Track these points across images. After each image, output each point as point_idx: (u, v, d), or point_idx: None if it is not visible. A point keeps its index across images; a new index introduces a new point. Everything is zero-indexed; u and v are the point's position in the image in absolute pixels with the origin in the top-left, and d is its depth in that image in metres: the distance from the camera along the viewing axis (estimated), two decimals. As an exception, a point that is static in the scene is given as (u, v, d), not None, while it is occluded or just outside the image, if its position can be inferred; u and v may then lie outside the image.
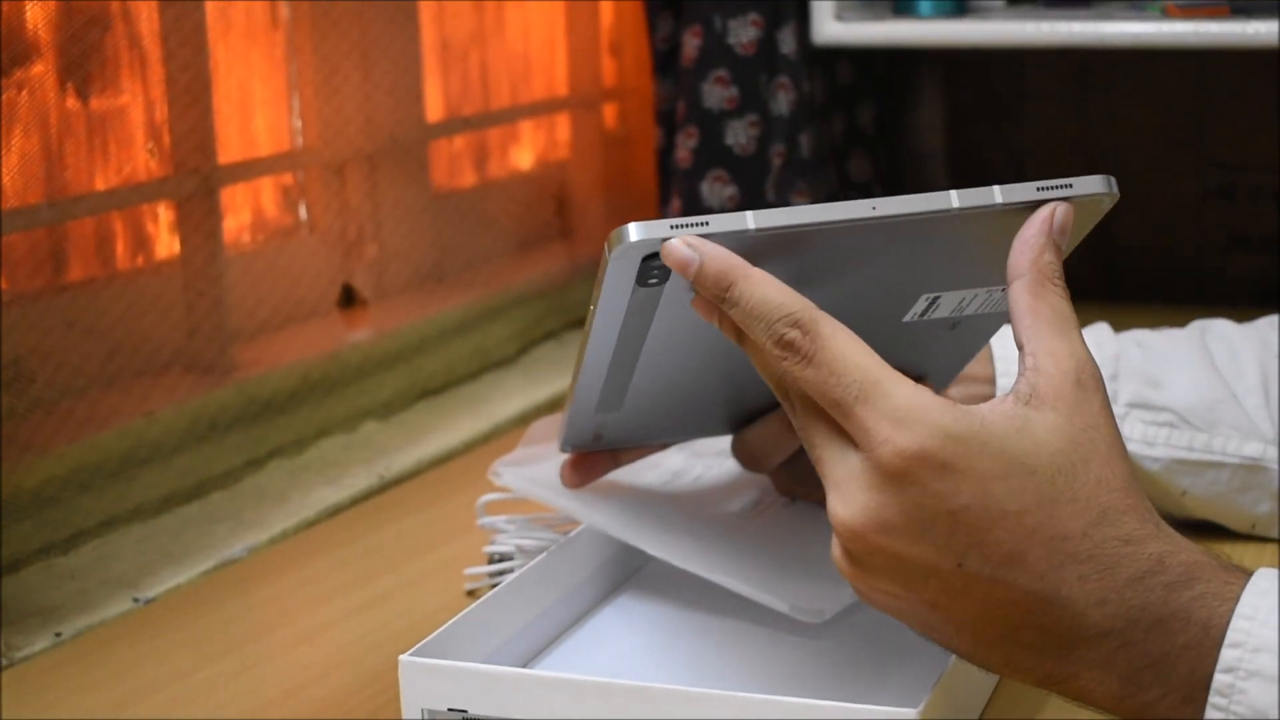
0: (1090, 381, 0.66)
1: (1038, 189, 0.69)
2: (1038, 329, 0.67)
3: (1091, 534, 0.64)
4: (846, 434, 0.66)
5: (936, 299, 0.76)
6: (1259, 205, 1.72)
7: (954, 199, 0.68)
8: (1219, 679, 0.63)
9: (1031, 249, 0.68)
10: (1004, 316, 0.79)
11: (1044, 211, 0.69)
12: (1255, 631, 0.63)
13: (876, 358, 0.66)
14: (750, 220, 0.67)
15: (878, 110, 1.73)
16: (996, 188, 0.69)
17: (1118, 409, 0.97)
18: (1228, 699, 0.63)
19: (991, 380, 0.97)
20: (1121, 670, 0.65)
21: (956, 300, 0.77)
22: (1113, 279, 1.77)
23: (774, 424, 0.89)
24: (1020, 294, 0.68)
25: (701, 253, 0.67)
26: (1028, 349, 0.67)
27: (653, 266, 0.69)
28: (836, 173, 1.67)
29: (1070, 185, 0.69)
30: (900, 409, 0.64)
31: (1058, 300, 0.67)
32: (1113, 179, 0.70)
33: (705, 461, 1.01)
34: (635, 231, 0.67)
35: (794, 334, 0.66)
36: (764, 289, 0.66)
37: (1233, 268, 1.74)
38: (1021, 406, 0.65)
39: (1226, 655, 0.63)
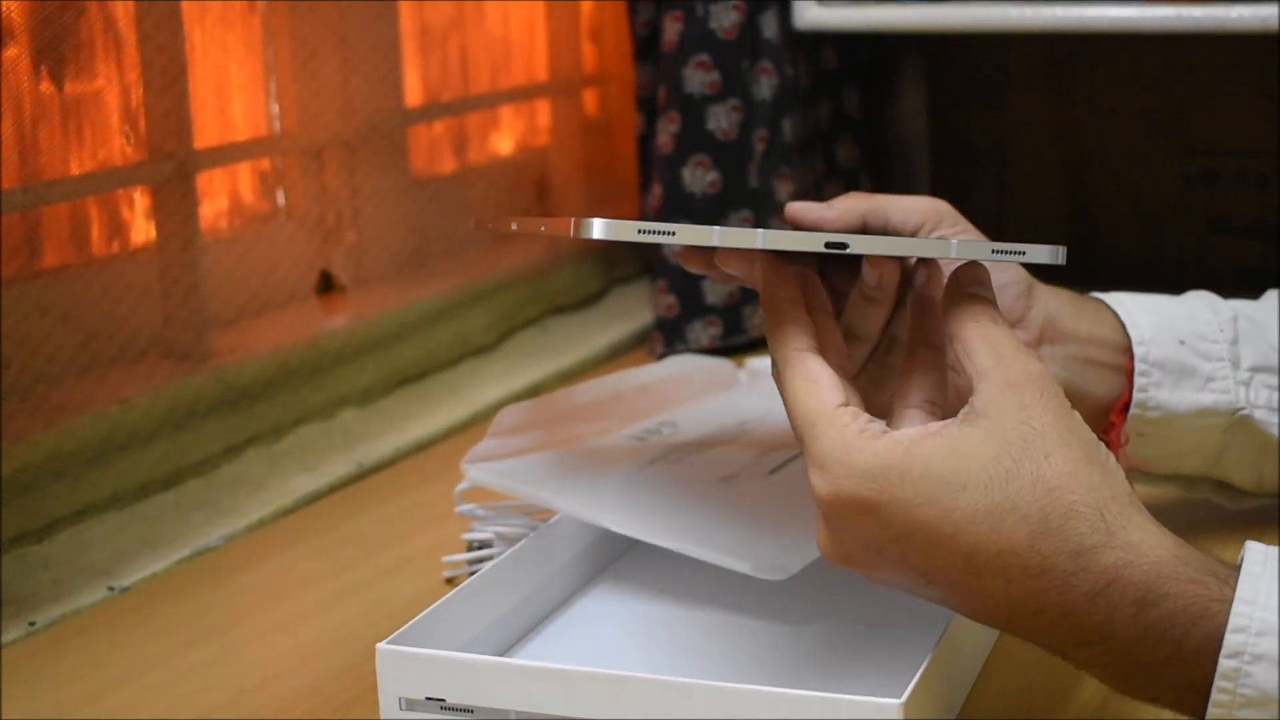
0: (1020, 378, 0.68)
1: (993, 251, 0.73)
2: (971, 353, 0.70)
3: (1038, 545, 0.65)
4: None
5: None
6: (1241, 191, 1.71)
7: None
8: (1224, 664, 0.64)
9: (953, 290, 0.73)
10: None
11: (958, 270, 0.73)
12: (1257, 615, 0.64)
13: (823, 397, 0.70)
14: (716, 237, 0.71)
15: (862, 95, 1.73)
16: (954, 241, 0.72)
17: (1241, 374, 0.95)
18: (1234, 683, 0.64)
19: (1125, 349, 0.95)
20: (1113, 672, 0.67)
21: None
22: (1094, 264, 1.77)
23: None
24: (953, 329, 0.71)
25: (762, 278, 0.74)
26: (969, 372, 0.70)
27: None
28: (824, 158, 1.66)
29: (1023, 253, 0.73)
30: (823, 453, 0.68)
31: (985, 325, 0.71)
32: (1062, 249, 0.73)
33: (683, 450, 1.00)
34: (600, 229, 0.70)
35: (774, 371, 0.73)
36: (779, 324, 0.73)
37: (1215, 253, 1.74)
38: (956, 425, 0.68)
39: (1231, 640, 0.64)
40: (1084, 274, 1.77)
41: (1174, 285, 1.78)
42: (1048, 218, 1.79)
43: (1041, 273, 0.97)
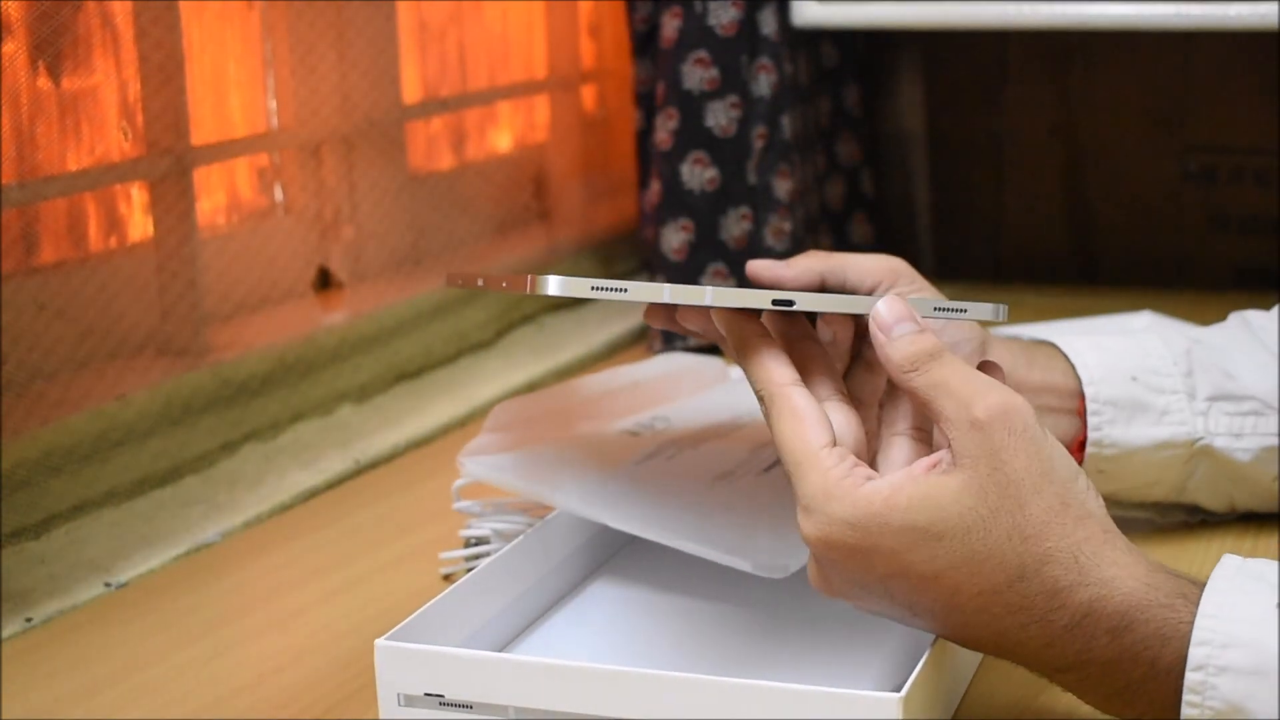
0: (983, 417, 0.69)
1: (934, 309, 0.74)
2: (936, 406, 0.70)
3: (1017, 587, 0.68)
4: None
5: None
6: (1239, 188, 1.71)
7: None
8: (1190, 677, 0.66)
9: (884, 347, 0.72)
10: None
11: (875, 319, 0.72)
12: (1220, 628, 0.66)
13: (807, 436, 0.71)
14: (666, 294, 0.73)
15: (862, 92, 1.73)
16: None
17: (1198, 404, 0.96)
18: (1201, 696, 0.66)
19: (1077, 393, 0.96)
20: (1093, 695, 0.70)
21: None
22: (1092, 262, 1.77)
23: None
24: (909, 389, 0.71)
25: (724, 326, 0.75)
26: (940, 423, 0.70)
27: None
28: (825, 155, 1.66)
29: (964, 310, 0.74)
30: (806, 497, 0.70)
31: (937, 372, 0.71)
32: (1004, 308, 0.75)
33: (677, 445, 1.00)
34: (555, 286, 0.71)
35: (762, 407, 0.73)
36: (756, 362, 0.73)
37: (1213, 250, 1.73)
38: (935, 475, 0.69)
39: (1195, 654, 0.66)
40: (1081, 272, 1.78)
41: (1171, 283, 1.78)
42: (1046, 214, 1.79)
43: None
